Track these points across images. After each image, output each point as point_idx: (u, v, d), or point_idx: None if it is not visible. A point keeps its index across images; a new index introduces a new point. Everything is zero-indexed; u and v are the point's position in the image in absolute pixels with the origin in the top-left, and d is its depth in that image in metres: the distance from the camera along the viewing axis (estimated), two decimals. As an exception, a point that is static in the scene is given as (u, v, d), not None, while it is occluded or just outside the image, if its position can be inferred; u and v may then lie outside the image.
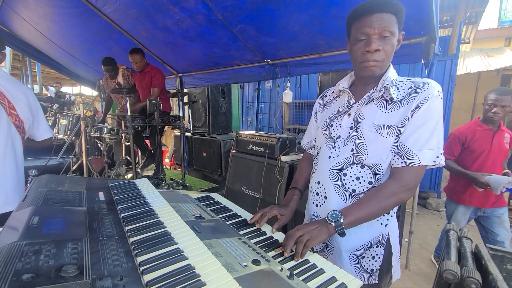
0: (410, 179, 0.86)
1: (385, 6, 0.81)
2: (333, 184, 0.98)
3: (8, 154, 1.29)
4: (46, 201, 0.79)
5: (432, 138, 0.84)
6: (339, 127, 0.99)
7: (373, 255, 0.99)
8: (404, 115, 0.86)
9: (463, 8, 4.27)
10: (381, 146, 0.89)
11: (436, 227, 3.62)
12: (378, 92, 0.91)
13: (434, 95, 0.84)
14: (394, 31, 0.83)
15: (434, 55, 2.05)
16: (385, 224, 0.98)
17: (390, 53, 0.86)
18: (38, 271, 0.47)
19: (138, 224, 0.75)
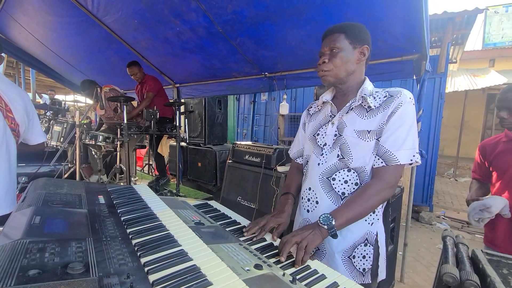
0: (391, 177, 0.95)
1: (332, 29, 1.01)
2: (323, 189, 1.05)
3: (2, 157, 1.28)
4: (46, 202, 0.78)
5: (408, 139, 0.94)
6: (324, 135, 1.08)
7: (363, 254, 1.03)
8: (381, 120, 0.96)
9: (450, 29, 4.50)
10: (363, 150, 0.98)
11: (429, 240, 3.64)
12: (357, 102, 1.01)
13: (407, 101, 0.95)
14: (342, 46, 0.98)
15: (425, 72, 2.14)
16: (370, 222, 1.03)
17: (340, 64, 0.98)
18: (44, 267, 0.47)
19: (140, 227, 0.74)
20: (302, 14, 2.11)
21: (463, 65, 9.14)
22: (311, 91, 5.66)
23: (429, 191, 4.53)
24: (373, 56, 2.52)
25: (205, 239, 0.86)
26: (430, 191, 4.53)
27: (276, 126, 5.61)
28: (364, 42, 1.01)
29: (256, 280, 0.68)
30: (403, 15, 1.86)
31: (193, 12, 2.46)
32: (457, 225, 4.29)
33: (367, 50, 1.01)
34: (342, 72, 1.00)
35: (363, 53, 1.01)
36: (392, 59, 2.31)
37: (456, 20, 4.35)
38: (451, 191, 6.35)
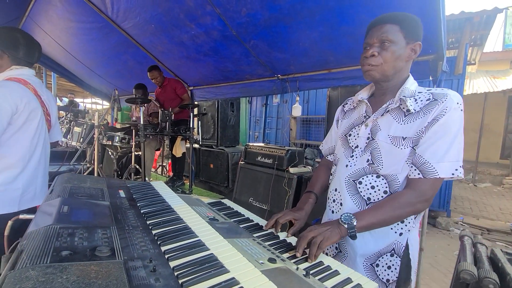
0: (427, 190, 0.86)
1: (386, 19, 0.89)
2: (348, 192, 1.00)
3: (43, 156, 1.43)
4: (72, 194, 0.83)
5: (451, 150, 0.84)
6: (357, 136, 1.02)
7: (388, 264, 0.97)
8: (420, 126, 0.87)
9: (468, 30, 4.38)
10: (396, 157, 0.90)
11: (446, 247, 3.52)
12: (394, 104, 0.93)
13: (453, 107, 0.85)
14: (394, 39, 0.88)
15: (442, 72, 2.10)
16: (399, 232, 0.96)
17: (390, 59, 0.89)
18: (75, 249, 0.50)
19: (159, 219, 0.77)
20: (315, 15, 2.12)
21: (482, 67, 8.84)
22: (324, 94, 5.63)
23: (446, 196, 4.39)
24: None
25: (220, 234, 0.88)
26: (448, 196, 4.38)
27: (288, 129, 5.61)
28: (418, 38, 0.91)
29: (270, 272, 0.69)
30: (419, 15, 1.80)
31: (208, 15, 2.52)
32: (477, 231, 4.13)
33: (419, 47, 0.92)
34: (391, 69, 0.91)
35: (415, 50, 0.92)
36: (407, 59, 2.28)
37: (474, 20, 4.23)
38: (470, 197, 6.11)
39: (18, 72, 1.35)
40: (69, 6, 3.14)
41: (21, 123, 1.26)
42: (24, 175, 1.31)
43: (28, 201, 1.34)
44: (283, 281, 0.66)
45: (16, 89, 1.24)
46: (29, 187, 1.34)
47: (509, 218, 4.71)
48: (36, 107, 1.34)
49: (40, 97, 1.40)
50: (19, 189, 1.29)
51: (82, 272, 0.43)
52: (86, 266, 0.45)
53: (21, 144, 1.29)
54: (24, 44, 1.37)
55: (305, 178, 2.42)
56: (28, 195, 1.34)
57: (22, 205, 1.32)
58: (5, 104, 1.17)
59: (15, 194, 1.28)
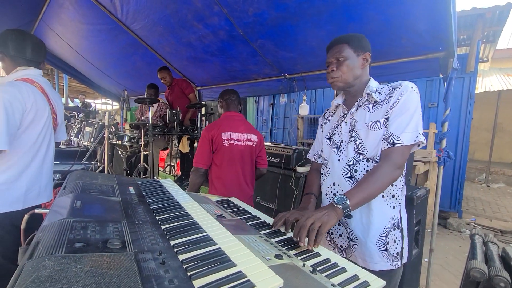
0: (397, 157, 1.01)
1: (336, 41, 1.13)
2: (347, 181, 1.12)
3: (48, 154, 1.44)
4: (84, 190, 0.85)
5: (411, 123, 1.01)
6: (340, 133, 1.19)
7: (394, 239, 1.08)
8: (386, 109, 1.05)
9: (481, 26, 4.27)
10: (374, 139, 1.07)
11: (458, 248, 3.45)
12: (364, 99, 1.12)
13: (408, 90, 1.03)
14: (346, 55, 1.09)
15: (453, 70, 2.05)
16: (392, 206, 1.09)
17: (346, 70, 1.10)
18: (88, 241, 0.52)
19: (168, 215, 0.79)
20: (322, 14, 2.12)
21: (495, 64, 8.60)
22: (331, 93, 5.60)
23: (457, 196, 4.30)
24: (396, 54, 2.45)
25: (227, 230, 0.89)
26: (459, 196, 4.29)
27: (296, 128, 5.59)
28: (366, 49, 1.12)
29: (276, 268, 0.70)
30: (428, 11, 1.81)
31: (215, 16, 2.54)
32: (490, 233, 4.02)
33: (369, 56, 1.13)
34: (350, 77, 1.11)
35: (366, 59, 1.12)
36: (416, 57, 2.24)
37: (487, 16, 4.12)
38: (483, 198, 5.96)
39: (24, 72, 1.36)
40: (80, 8, 3.22)
41: (28, 122, 1.27)
42: (28, 173, 1.31)
43: (32, 199, 1.35)
44: (290, 277, 0.67)
45: (24, 88, 1.25)
46: (34, 185, 1.35)
47: (524, 219, 4.56)
48: (43, 106, 1.34)
49: (47, 95, 1.41)
50: (23, 187, 1.29)
51: (95, 263, 0.45)
52: (98, 257, 0.47)
53: (27, 142, 1.29)
54: (30, 45, 1.39)
55: (312, 177, 2.40)
56: (32, 193, 1.34)
57: (27, 203, 1.32)
58: (16, 103, 1.19)
59: (19, 192, 1.28)
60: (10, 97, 1.17)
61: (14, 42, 1.34)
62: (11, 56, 1.35)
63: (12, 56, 1.35)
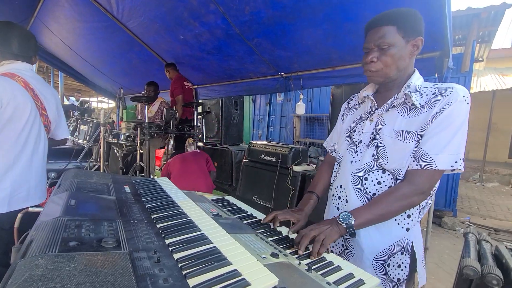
0: (424, 182, 0.86)
1: (381, 20, 0.87)
2: (354, 188, 0.99)
3: (36, 153, 1.35)
4: (79, 189, 0.84)
5: (452, 143, 0.83)
6: (361, 132, 1.01)
7: (399, 263, 0.96)
8: (425, 120, 0.86)
9: (476, 27, 4.31)
10: (401, 151, 0.90)
11: (452, 247, 3.48)
12: (399, 99, 0.92)
13: (458, 100, 0.84)
14: (392, 42, 0.86)
15: (448, 69, 2.07)
16: (406, 228, 0.95)
17: (390, 62, 0.88)
18: (82, 240, 0.51)
19: (163, 213, 0.79)
20: (319, 13, 2.12)
21: (490, 64, 8.68)
22: (328, 92, 5.61)
23: (452, 195, 4.34)
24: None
25: (223, 228, 0.89)
26: (454, 195, 4.33)
27: (292, 127, 5.60)
28: (418, 33, 0.88)
29: (272, 266, 0.70)
30: (424, 11, 1.79)
31: (211, 14, 2.53)
32: (484, 231, 4.07)
33: (421, 42, 0.89)
34: (393, 71, 0.90)
35: (417, 45, 0.89)
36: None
37: (482, 16, 4.15)
38: (477, 197, 6.03)
39: (9, 66, 1.28)
40: (76, 6, 3.18)
41: (6, 119, 1.18)
42: (12, 174, 1.23)
43: (20, 201, 1.26)
44: (285, 275, 0.67)
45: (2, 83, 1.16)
46: (20, 187, 1.26)
47: (517, 218, 4.63)
48: (23, 101, 1.24)
49: (32, 91, 1.30)
50: (7, 189, 1.21)
51: (89, 261, 0.44)
52: (92, 256, 0.46)
53: (6, 141, 1.20)
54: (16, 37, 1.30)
55: (309, 176, 2.41)
56: (19, 195, 1.26)
57: (13, 205, 1.23)
58: None
59: (3, 194, 1.20)
60: None
61: (5, 36, 1.27)
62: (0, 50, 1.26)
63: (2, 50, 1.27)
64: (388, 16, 0.87)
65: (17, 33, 1.32)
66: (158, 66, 4.23)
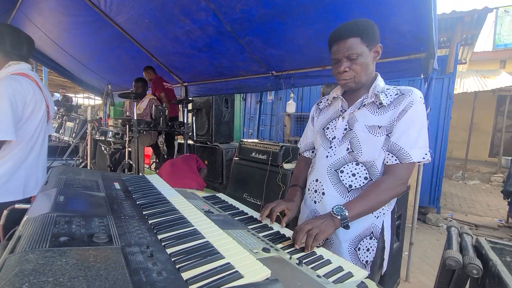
0: (404, 174, 0.98)
1: (347, 33, 0.96)
2: (331, 181, 1.07)
3: (43, 147, 1.50)
4: (67, 185, 0.83)
5: (420, 138, 0.96)
6: (334, 129, 1.10)
7: (367, 247, 1.05)
8: (392, 116, 0.98)
9: (460, 29, 4.46)
10: (373, 144, 1.00)
11: (436, 242, 3.61)
12: (369, 99, 1.02)
13: (417, 100, 0.97)
14: (360, 51, 0.96)
15: (433, 70, 2.14)
16: (376, 216, 1.05)
17: (360, 70, 0.98)
18: (73, 236, 0.51)
19: (155, 210, 0.78)
20: (310, 12, 2.14)
21: (472, 66, 9.01)
22: (318, 91, 5.67)
23: (436, 192, 4.49)
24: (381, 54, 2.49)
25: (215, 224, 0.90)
26: (438, 192, 4.48)
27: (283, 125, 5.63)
28: (377, 40, 0.99)
29: (264, 261, 0.71)
30: (411, 13, 1.87)
31: (202, 11, 2.51)
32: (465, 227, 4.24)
33: (380, 48, 1.01)
34: (363, 77, 1.00)
35: (378, 52, 1.01)
36: (400, 57, 2.32)
37: (465, 19, 4.30)
38: (459, 194, 6.26)
39: (18, 67, 1.39)
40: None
41: (28, 115, 1.32)
42: (26, 164, 1.36)
43: (30, 190, 1.39)
44: (277, 269, 0.68)
45: (24, 82, 1.30)
46: (31, 176, 1.40)
47: (497, 214, 4.84)
48: (40, 99, 1.39)
49: (41, 90, 1.44)
50: (22, 178, 1.35)
51: (81, 256, 0.44)
52: (84, 250, 0.46)
53: (26, 134, 1.34)
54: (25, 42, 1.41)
55: (299, 173, 2.44)
56: (30, 184, 1.39)
57: (26, 193, 1.37)
58: (18, 96, 1.24)
59: (19, 183, 1.34)
60: (13, 90, 1.22)
61: (11, 38, 1.37)
62: (5, 52, 1.36)
63: (7, 51, 1.37)
64: (352, 28, 0.96)
65: (25, 37, 1.44)
66: (147, 63, 4.16)
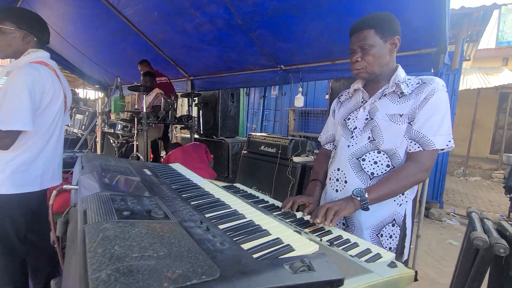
0: (426, 161, 0.99)
1: (362, 25, 1.01)
2: (353, 169, 1.09)
3: (60, 137, 1.47)
4: (104, 170, 0.86)
5: (443, 125, 0.97)
6: (355, 119, 1.13)
7: (390, 234, 1.07)
8: (414, 105, 0.99)
9: (466, 25, 4.46)
10: (394, 132, 1.02)
11: (439, 236, 3.67)
12: (390, 88, 1.05)
13: (439, 88, 0.98)
14: (373, 43, 1.00)
15: (444, 65, 2.16)
16: (399, 203, 1.07)
17: (372, 60, 1.02)
18: (132, 211, 0.54)
19: (191, 193, 0.82)
20: (323, 6, 2.15)
21: (476, 63, 9.01)
22: (323, 86, 5.69)
23: (439, 188, 4.54)
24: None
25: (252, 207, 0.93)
26: (441, 188, 4.53)
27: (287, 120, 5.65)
28: (395, 33, 1.02)
29: (299, 241, 0.75)
30: (425, 7, 1.88)
31: (213, 4, 2.51)
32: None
33: (398, 40, 1.03)
34: (376, 68, 1.03)
35: (395, 43, 1.03)
36: (410, 52, 2.33)
37: (474, 15, 4.30)
38: (461, 190, 6.32)
39: (37, 54, 1.33)
40: (69, -10, 3.07)
41: (46, 104, 1.28)
42: (44, 155, 1.33)
43: (47, 180, 1.37)
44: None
45: (43, 71, 1.26)
46: (49, 167, 1.37)
47: (498, 210, 4.90)
48: (58, 88, 1.35)
49: (59, 79, 1.40)
50: (40, 169, 1.32)
51: (149, 228, 0.47)
52: (149, 223, 0.49)
53: (44, 124, 1.31)
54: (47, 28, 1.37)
55: (309, 166, 2.48)
56: (47, 175, 1.37)
57: (43, 184, 1.35)
58: (37, 85, 1.20)
59: (36, 174, 1.31)
60: (32, 79, 1.18)
61: (38, 24, 1.33)
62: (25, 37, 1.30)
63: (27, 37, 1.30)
64: (368, 20, 1.01)
65: (45, 23, 1.39)
66: (153, 56, 4.15)
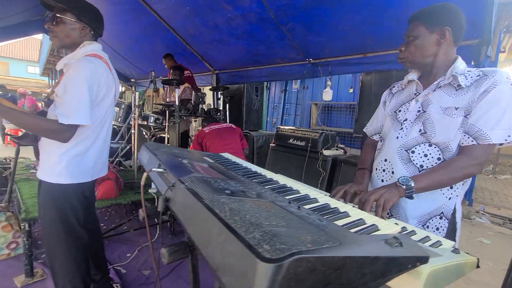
0: (480, 154, 0.95)
1: (412, 17, 1.08)
2: (401, 161, 1.08)
3: (109, 130, 1.49)
4: (177, 157, 0.93)
5: (503, 118, 0.92)
6: (406, 111, 1.11)
7: (437, 226, 1.06)
8: (472, 98, 0.96)
9: (504, 16, 4.22)
10: (448, 126, 0.99)
11: (468, 234, 3.58)
12: (446, 80, 1.02)
13: (503, 81, 0.93)
14: (417, 34, 1.03)
15: (486, 57, 2.09)
16: (448, 197, 1.04)
17: (414, 51, 1.05)
18: (232, 190, 0.60)
19: (258, 179, 0.87)
20: (361, -2, 2.12)
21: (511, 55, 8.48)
22: (347, 81, 5.60)
23: (469, 185, 4.40)
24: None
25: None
26: (471, 185, 4.40)
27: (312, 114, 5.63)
28: (443, 23, 1.01)
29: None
30: None
31: (247, -2, 2.55)
32: (499, 221, 4.15)
33: (448, 31, 1.02)
34: (418, 58, 1.05)
35: (442, 34, 1.02)
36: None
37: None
38: (490, 188, 6.07)
39: (92, 47, 1.34)
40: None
41: (100, 98, 1.30)
42: (95, 146, 1.36)
43: (97, 171, 1.41)
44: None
45: (98, 64, 1.28)
46: (99, 158, 1.40)
47: (531, 209, 4.69)
48: (111, 81, 1.35)
49: (111, 72, 1.40)
50: (92, 160, 1.35)
51: (254, 204, 0.53)
52: (253, 201, 0.55)
53: (98, 117, 1.32)
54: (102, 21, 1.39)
55: (340, 160, 2.49)
56: (98, 166, 1.40)
57: (94, 175, 1.38)
58: (94, 79, 1.23)
59: (89, 165, 1.34)
60: (90, 73, 1.20)
61: (96, 17, 1.34)
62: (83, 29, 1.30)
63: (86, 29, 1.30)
64: (418, 12, 1.05)
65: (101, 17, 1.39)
66: (181, 51, 4.25)
